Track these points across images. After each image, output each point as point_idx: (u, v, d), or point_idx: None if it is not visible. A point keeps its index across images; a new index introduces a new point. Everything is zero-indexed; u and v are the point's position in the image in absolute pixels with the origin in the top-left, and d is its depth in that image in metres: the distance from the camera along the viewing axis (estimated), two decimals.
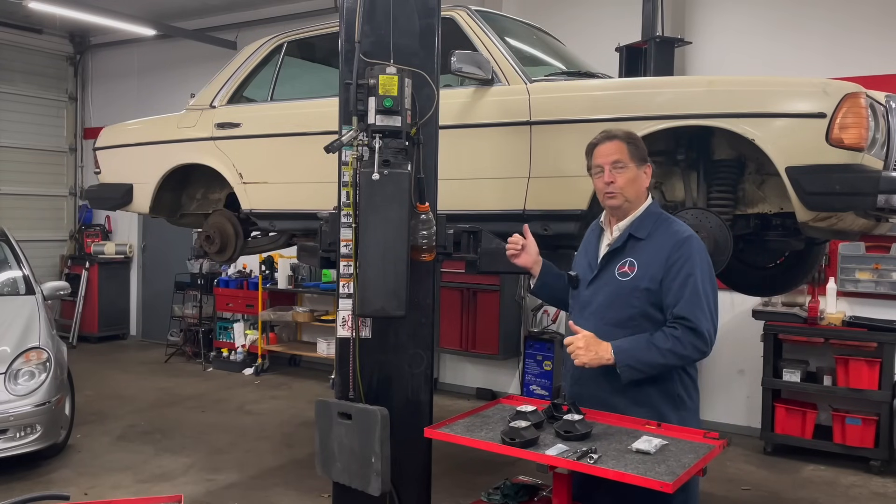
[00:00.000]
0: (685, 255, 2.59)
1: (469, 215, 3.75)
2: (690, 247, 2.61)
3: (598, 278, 2.73)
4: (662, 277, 2.58)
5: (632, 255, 2.66)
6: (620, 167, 2.66)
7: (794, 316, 5.60)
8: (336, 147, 3.10)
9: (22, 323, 5.35)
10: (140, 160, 5.17)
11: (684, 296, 2.55)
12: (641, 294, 2.61)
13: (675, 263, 2.58)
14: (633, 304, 2.62)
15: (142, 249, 10.21)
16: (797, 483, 5.16)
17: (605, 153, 2.69)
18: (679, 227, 2.69)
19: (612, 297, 2.66)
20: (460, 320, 7.04)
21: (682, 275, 2.56)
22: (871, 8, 5.68)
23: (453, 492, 4.50)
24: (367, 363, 3.18)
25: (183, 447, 5.61)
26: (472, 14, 3.99)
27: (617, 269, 2.67)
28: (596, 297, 2.71)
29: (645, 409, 2.61)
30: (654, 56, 5.80)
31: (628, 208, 2.70)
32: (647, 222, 2.69)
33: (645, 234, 2.66)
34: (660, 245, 2.63)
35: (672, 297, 2.56)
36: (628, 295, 2.63)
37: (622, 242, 2.68)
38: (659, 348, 2.53)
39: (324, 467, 3.18)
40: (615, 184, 2.66)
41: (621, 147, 2.67)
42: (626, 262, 2.66)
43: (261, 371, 8.28)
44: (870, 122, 3.04)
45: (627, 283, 2.63)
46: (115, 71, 10.41)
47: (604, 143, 2.71)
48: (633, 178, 2.67)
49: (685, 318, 2.53)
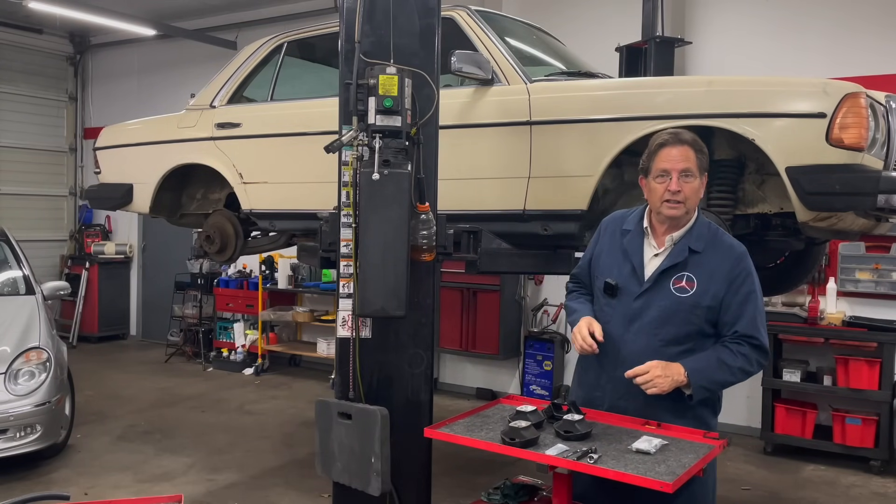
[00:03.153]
0: (745, 271, 2.54)
1: (469, 215, 3.76)
2: (748, 263, 2.56)
3: (651, 291, 2.57)
4: (724, 294, 2.51)
5: (689, 270, 2.54)
6: (688, 175, 2.51)
7: (794, 316, 5.60)
8: (336, 147, 3.10)
9: (22, 323, 5.35)
10: (140, 160, 5.17)
11: (747, 313, 2.51)
12: (702, 311, 2.52)
13: (735, 279, 2.52)
14: (692, 322, 2.53)
15: (142, 249, 10.21)
16: (797, 483, 5.16)
17: (675, 158, 2.51)
18: (732, 240, 2.62)
19: (669, 313, 2.53)
20: (460, 320, 7.04)
21: (743, 291, 2.52)
22: (872, 8, 5.68)
23: (453, 492, 4.50)
24: (367, 363, 3.18)
25: (183, 447, 5.61)
26: (472, 14, 3.99)
27: (673, 284, 2.54)
28: (647, 312, 2.56)
29: (687, 419, 2.54)
30: (654, 56, 5.80)
31: (683, 218, 2.57)
32: (703, 234, 2.58)
33: (701, 248, 2.55)
34: (719, 260, 2.54)
35: (733, 315, 2.51)
36: (688, 312, 2.52)
37: (684, 257, 2.54)
38: (730, 367, 2.50)
39: (324, 467, 3.18)
40: (682, 193, 2.51)
41: (690, 154, 2.52)
42: (684, 277, 2.54)
43: (261, 371, 8.28)
44: (870, 122, 3.03)
45: (687, 300, 2.52)
46: (115, 71, 10.42)
47: (674, 146, 2.53)
48: (697, 189, 2.54)
49: (752, 336, 2.50)
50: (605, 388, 2.65)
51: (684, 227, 2.58)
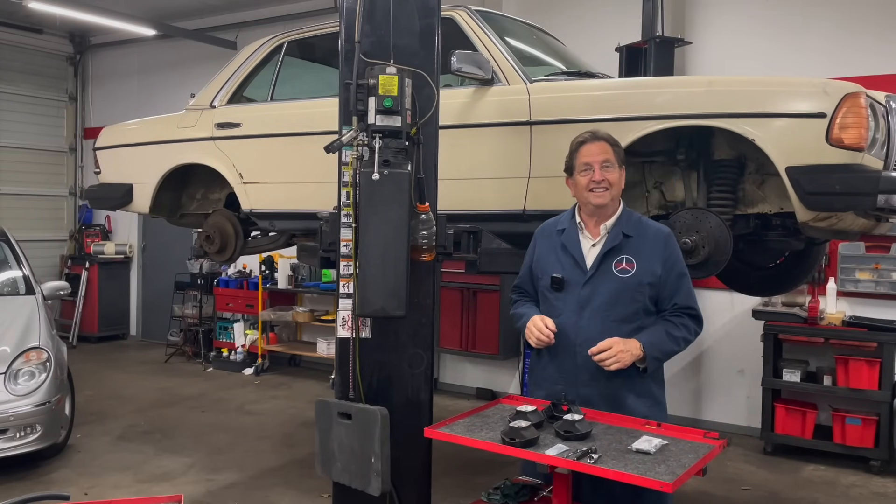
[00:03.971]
0: (675, 249, 2.81)
1: (469, 215, 3.76)
2: (675, 242, 2.85)
3: (595, 277, 2.76)
4: (660, 272, 2.73)
5: (626, 253, 2.75)
6: (609, 166, 2.76)
7: (794, 316, 5.59)
8: (336, 147, 3.10)
9: (22, 323, 5.35)
10: (140, 160, 5.17)
11: (683, 287, 2.77)
12: (645, 289, 2.73)
13: (668, 258, 2.76)
14: (637, 300, 2.73)
15: (142, 249, 10.21)
16: (797, 483, 5.16)
17: (594, 152, 2.77)
18: (657, 224, 2.88)
19: (617, 294, 2.73)
20: (460, 320, 7.04)
21: (676, 269, 2.78)
22: (872, 8, 5.68)
23: (453, 492, 4.50)
24: (367, 363, 3.18)
25: (183, 447, 5.61)
26: (472, 14, 3.99)
27: (615, 266, 2.74)
28: (596, 296, 2.74)
29: (646, 398, 2.76)
30: (654, 56, 5.80)
31: (610, 207, 2.79)
32: (631, 221, 2.82)
33: (633, 233, 2.78)
34: (651, 242, 2.77)
35: (670, 289, 2.76)
36: (633, 290, 2.73)
37: (619, 240, 2.75)
38: (675, 337, 2.73)
39: (324, 467, 3.18)
40: (605, 181, 2.74)
41: (608, 148, 2.78)
42: (624, 259, 2.75)
43: (261, 371, 8.28)
44: (870, 122, 3.04)
45: (631, 280, 2.73)
46: (115, 71, 10.42)
47: (592, 142, 2.79)
48: (619, 179, 2.79)
49: (690, 306, 2.77)
50: (567, 379, 2.78)
51: (614, 216, 2.81)
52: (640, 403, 2.72)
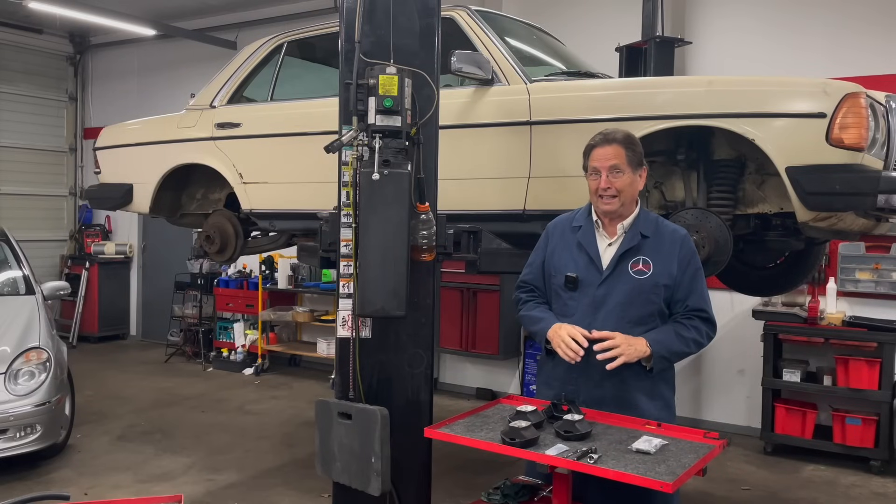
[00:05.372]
0: (692, 251, 2.75)
1: (469, 215, 3.76)
2: (692, 243, 2.78)
3: (611, 277, 2.70)
4: (676, 273, 2.69)
5: (643, 254, 2.70)
6: (617, 173, 2.68)
7: (794, 316, 5.59)
8: (336, 147, 3.10)
9: (22, 323, 5.35)
10: (140, 160, 5.17)
11: (696, 289, 2.72)
12: (660, 290, 2.69)
13: (684, 259, 2.71)
14: (653, 301, 2.69)
15: (142, 249, 10.21)
16: (797, 483, 5.16)
17: (603, 157, 2.69)
18: (673, 225, 2.83)
19: (633, 295, 2.68)
20: (460, 320, 7.04)
21: (691, 270, 2.72)
22: (871, 8, 5.68)
23: (453, 492, 4.50)
24: (367, 363, 3.18)
25: (183, 447, 5.61)
26: (472, 14, 3.99)
27: (631, 268, 2.69)
28: (611, 297, 2.69)
29: (657, 400, 2.72)
30: (654, 56, 5.80)
31: (622, 212, 2.73)
32: (648, 222, 2.76)
33: (650, 233, 2.73)
34: (668, 243, 2.71)
35: (684, 291, 2.70)
36: (649, 292, 2.68)
37: (637, 241, 2.70)
38: (685, 339, 2.67)
39: (324, 467, 3.18)
40: (612, 188, 2.68)
41: (619, 152, 2.68)
42: (640, 260, 2.69)
43: (261, 371, 8.28)
44: (870, 122, 3.04)
45: (647, 281, 2.68)
46: (115, 71, 10.41)
47: (602, 146, 2.71)
48: (629, 184, 2.70)
49: (702, 309, 2.71)
50: (578, 380, 2.72)
51: (631, 216, 2.75)
52: (651, 405, 2.68)
